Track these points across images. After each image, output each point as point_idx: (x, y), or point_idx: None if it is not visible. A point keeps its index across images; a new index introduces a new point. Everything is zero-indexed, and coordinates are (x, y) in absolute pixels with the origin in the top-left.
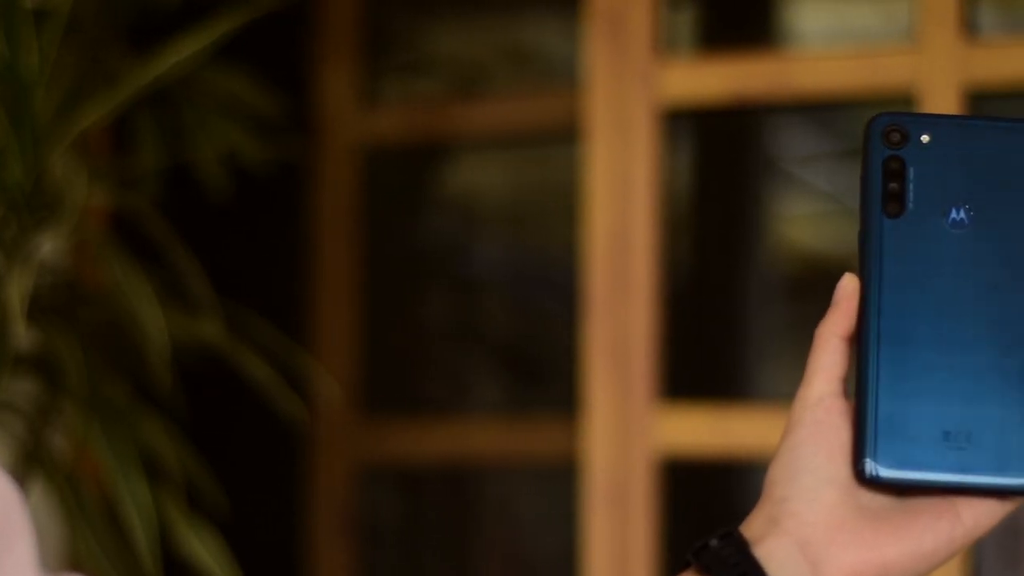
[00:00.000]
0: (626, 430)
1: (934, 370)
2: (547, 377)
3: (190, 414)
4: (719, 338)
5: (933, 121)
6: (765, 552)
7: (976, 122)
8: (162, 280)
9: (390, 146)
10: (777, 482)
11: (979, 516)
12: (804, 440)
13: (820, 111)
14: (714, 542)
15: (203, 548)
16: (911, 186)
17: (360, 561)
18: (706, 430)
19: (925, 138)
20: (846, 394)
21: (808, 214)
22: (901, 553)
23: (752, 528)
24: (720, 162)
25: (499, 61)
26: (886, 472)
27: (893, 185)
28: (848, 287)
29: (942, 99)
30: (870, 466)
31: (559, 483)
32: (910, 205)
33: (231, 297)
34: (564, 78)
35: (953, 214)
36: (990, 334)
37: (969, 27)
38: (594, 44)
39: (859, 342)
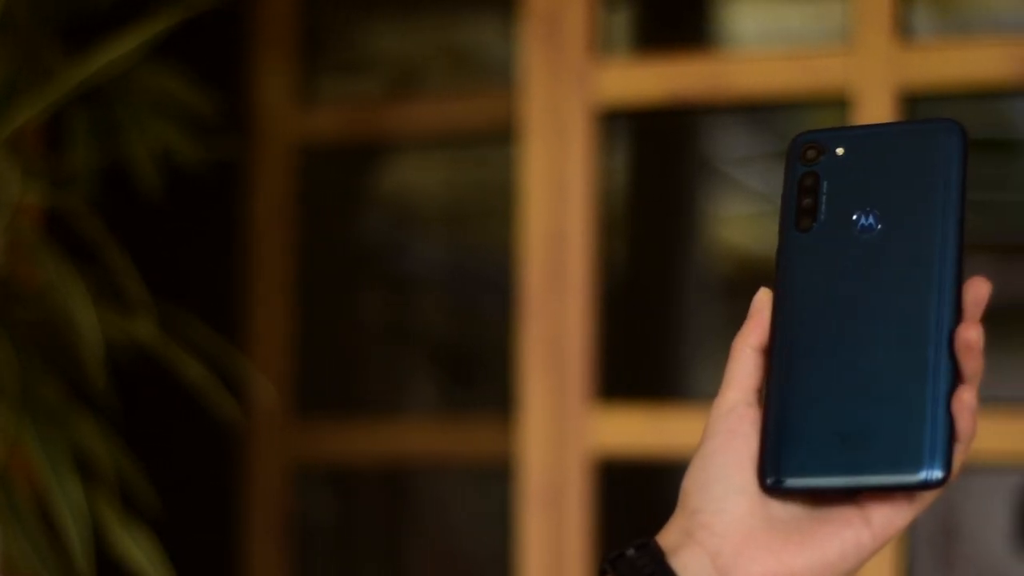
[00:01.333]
0: (562, 430)
1: (834, 375)
2: (483, 377)
3: (124, 414)
4: (655, 338)
5: (848, 133)
6: (680, 563)
7: (887, 128)
8: (96, 279)
9: (326, 145)
10: (690, 493)
11: (888, 518)
12: (716, 450)
13: (755, 112)
14: (630, 551)
15: (137, 548)
16: (823, 199)
17: (295, 561)
18: (641, 430)
19: (840, 151)
20: (760, 403)
21: (743, 215)
22: (809, 561)
23: (668, 538)
24: (656, 163)
25: (436, 61)
26: (786, 481)
27: (807, 200)
28: (761, 300)
29: (876, 101)
30: (771, 476)
31: (494, 483)
32: (821, 217)
33: (166, 297)
34: (501, 78)
35: (862, 220)
36: (892, 333)
37: (903, 29)
38: (530, 44)
39: (769, 353)
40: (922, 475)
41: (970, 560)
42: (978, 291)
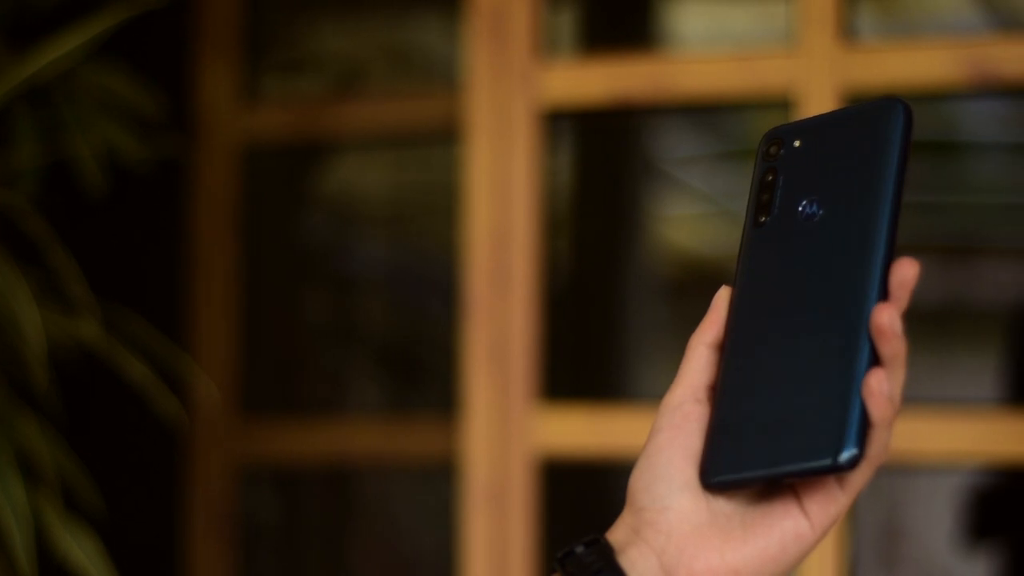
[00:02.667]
0: (505, 430)
1: (768, 367)
2: (426, 376)
3: (67, 414)
4: (598, 338)
5: (806, 123)
6: (628, 561)
7: (839, 113)
8: (39, 279)
9: (270, 145)
10: (636, 490)
11: (823, 507)
12: (661, 447)
13: (699, 113)
14: (580, 549)
15: (79, 549)
16: (778, 192)
17: (238, 561)
18: (585, 430)
19: (797, 143)
20: (709, 400)
21: (687, 215)
22: (750, 555)
23: (616, 535)
24: (600, 163)
25: (380, 60)
26: (718, 477)
27: (764, 196)
28: (720, 297)
29: (820, 102)
30: (707, 474)
31: (438, 482)
32: (774, 211)
33: (109, 297)
34: (445, 78)
35: (806, 209)
36: (826, 320)
37: (847, 31)
38: (475, 45)
39: (722, 351)
40: (835, 457)
41: (913, 560)
42: (904, 272)
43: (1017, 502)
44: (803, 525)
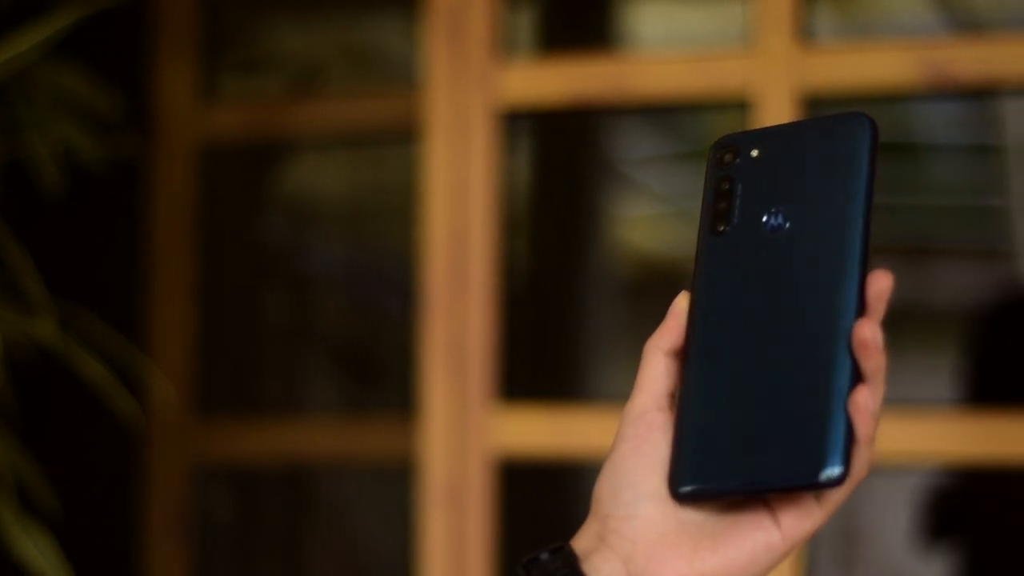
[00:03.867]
0: (463, 430)
1: (741, 379)
2: (384, 376)
3: (23, 414)
4: (556, 339)
5: (763, 133)
6: (593, 567)
7: (800, 125)
8: None
9: (228, 144)
10: (602, 498)
11: (797, 520)
12: (626, 455)
13: (657, 114)
14: (545, 555)
15: (35, 549)
16: (738, 201)
17: (195, 561)
18: (543, 431)
19: (754, 152)
20: (671, 407)
21: (645, 216)
22: (720, 564)
23: (581, 543)
24: (558, 164)
25: (338, 60)
26: (692, 488)
27: (722, 204)
28: (678, 304)
29: (777, 104)
30: (677, 484)
31: (396, 483)
32: (735, 220)
33: (66, 296)
34: (403, 78)
35: (771, 220)
36: (799, 333)
37: (804, 32)
38: (433, 45)
39: (683, 360)
40: (819, 475)
41: (870, 560)
42: (880, 285)
43: (973, 502)
44: (774, 537)
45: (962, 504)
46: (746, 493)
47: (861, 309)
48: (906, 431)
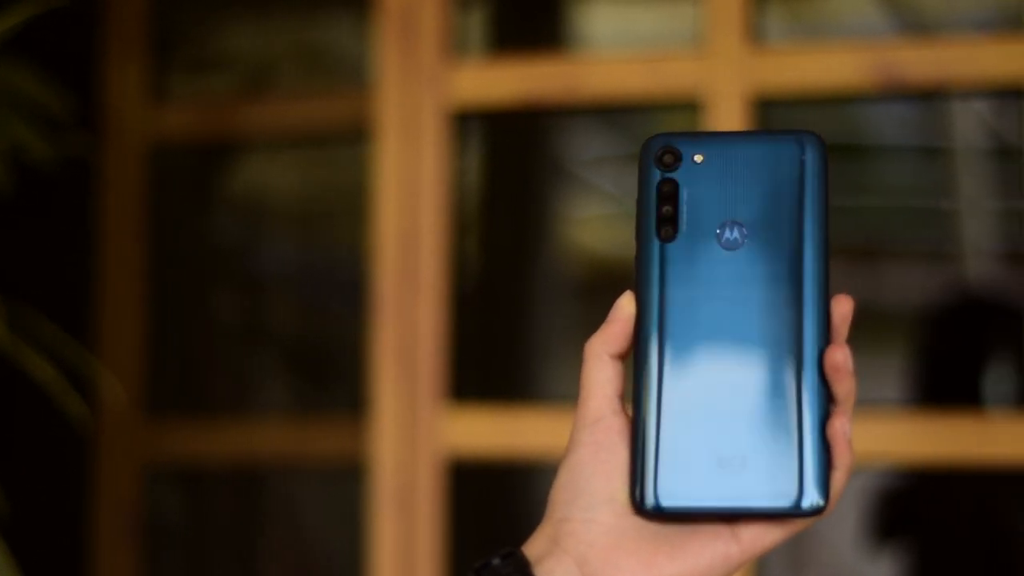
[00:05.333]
0: (413, 431)
1: (710, 396)
2: (334, 377)
3: None
4: (506, 339)
5: (706, 140)
6: (545, 572)
7: (746, 137)
8: None
9: (178, 144)
10: (557, 503)
11: (757, 535)
12: (583, 461)
13: (608, 115)
14: (496, 561)
15: None
16: (684, 208)
17: (144, 562)
18: (493, 431)
19: (698, 158)
20: (625, 411)
21: (595, 216)
22: (676, 573)
23: (534, 547)
24: (509, 164)
25: (289, 60)
26: (663, 505)
27: (667, 208)
28: (625, 309)
29: (728, 105)
30: (648, 499)
31: (346, 484)
32: (683, 227)
33: (14, 296)
34: (354, 78)
35: (727, 234)
36: (764, 354)
37: (755, 34)
38: (385, 45)
39: (635, 368)
40: (801, 503)
41: (820, 561)
42: (843, 309)
43: (922, 502)
44: (732, 549)
45: (910, 504)
46: (722, 516)
47: (827, 333)
48: (854, 432)
